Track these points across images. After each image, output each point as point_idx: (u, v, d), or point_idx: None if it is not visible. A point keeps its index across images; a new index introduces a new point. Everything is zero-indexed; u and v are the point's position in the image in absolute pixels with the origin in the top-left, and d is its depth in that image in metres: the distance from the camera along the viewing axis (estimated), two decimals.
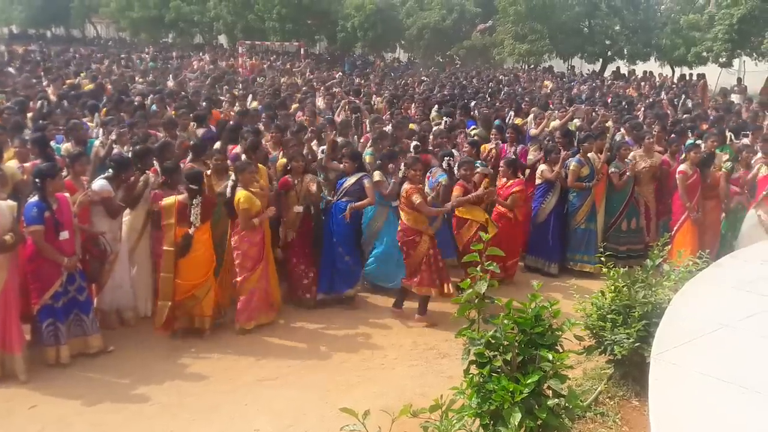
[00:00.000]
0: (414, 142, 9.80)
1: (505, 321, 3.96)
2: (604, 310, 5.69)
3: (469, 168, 8.59)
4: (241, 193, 7.35)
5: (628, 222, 10.14)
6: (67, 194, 6.76)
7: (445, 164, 9.01)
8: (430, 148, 10.10)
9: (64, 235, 6.51)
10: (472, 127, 12.21)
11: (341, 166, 8.64)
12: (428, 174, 9.02)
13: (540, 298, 4.09)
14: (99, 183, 7.26)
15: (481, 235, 4.36)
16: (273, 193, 8.12)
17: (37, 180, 6.39)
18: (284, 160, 8.71)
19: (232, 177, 7.49)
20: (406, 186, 7.83)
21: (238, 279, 7.53)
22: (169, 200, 7.24)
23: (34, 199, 6.38)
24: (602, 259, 6.12)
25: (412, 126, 11.58)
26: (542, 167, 9.75)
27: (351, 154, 8.54)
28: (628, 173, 9.92)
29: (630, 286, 5.75)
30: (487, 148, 10.68)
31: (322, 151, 9.00)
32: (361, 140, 10.70)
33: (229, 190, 7.45)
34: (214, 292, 7.39)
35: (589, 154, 9.86)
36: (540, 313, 4.01)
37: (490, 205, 9.13)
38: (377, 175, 8.65)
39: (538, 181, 9.85)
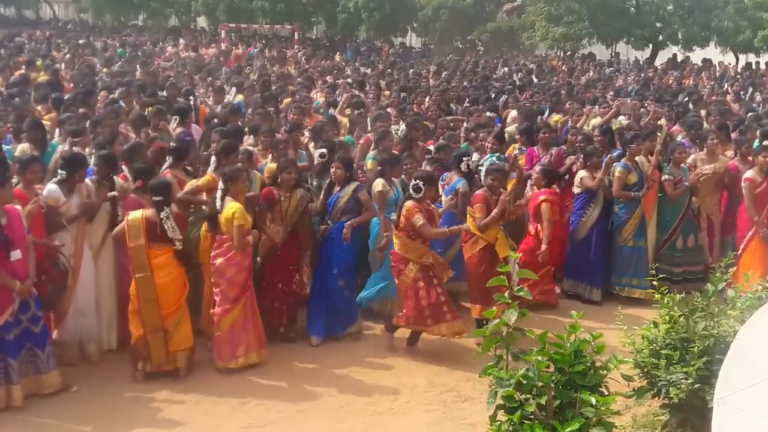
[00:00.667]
0: (430, 147, 9.75)
1: (539, 357, 3.94)
2: (657, 345, 5.66)
3: (498, 177, 8.37)
4: (234, 206, 7.34)
5: (684, 239, 10.11)
6: (18, 207, 6.75)
7: (463, 166, 8.98)
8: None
9: (16, 254, 6.50)
10: (498, 125, 12.27)
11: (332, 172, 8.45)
12: (442, 180, 9.03)
13: (580, 329, 4.07)
14: (48, 188, 7.32)
15: (510, 254, 4.35)
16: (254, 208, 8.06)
17: None
18: (273, 165, 8.74)
19: (221, 186, 7.49)
20: (408, 203, 7.78)
21: (217, 310, 7.48)
22: (135, 215, 7.25)
23: None
24: (654, 283, 6.11)
25: (426, 123, 11.62)
26: (582, 174, 9.74)
27: (343, 161, 8.45)
28: (684, 181, 9.90)
29: (688, 315, 5.72)
30: (511, 152, 10.62)
31: (321, 156, 8.98)
32: (360, 141, 10.61)
33: (218, 201, 7.46)
34: (188, 322, 7.39)
35: (637, 158, 9.85)
36: (581, 348, 4.00)
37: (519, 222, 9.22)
38: (379, 185, 8.64)
39: (576, 190, 9.84)
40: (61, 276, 7.24)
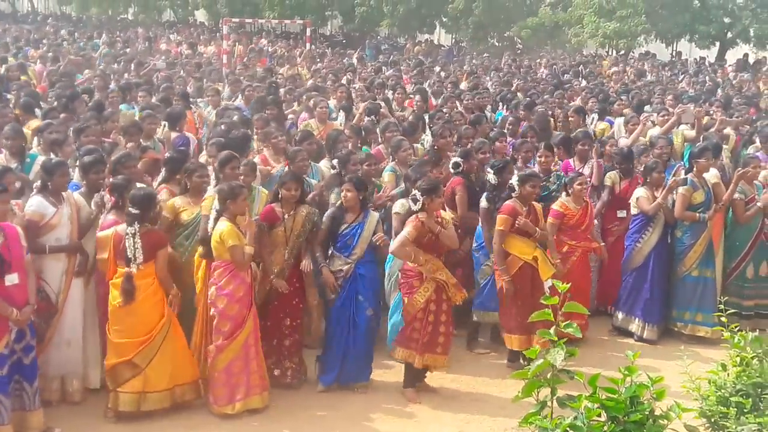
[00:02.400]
0: (454, 159, 9.76)
1: (589, 404, 3.93)
2: (725, 391, 5.61)
3: (537, 184, 8.64)
4: (222, 227, 7.33)
5: (756, 267, 10.08)
6: (17, 225, 6.87)
7: (492, 178, 9.02)
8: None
9: (12, 279, 6.59)
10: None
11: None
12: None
13: (637, 372, 4.06)
14: (30, 203, 7.39)
15: (555, 284, 4.34)
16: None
17: None
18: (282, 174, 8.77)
19: (215, 205, 7.51)
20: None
21: (211, 347, 7.49)
22: (107, 231, 7.36)
23: None
24: (722, 318, 6.07)
25: None
26: (639, 193, 9.67)
27: (355, 182, 8.20)
28: (758, 203, 9.85)
29: (762, 357, 5.68)
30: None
31: (333, 167, 9.04)
32: (373, 151, 10.64)
33: (211, 222, 7.49)
34: (164, 358, 7.33)
35: (706, 174, 9.81)
36: (637, 393, 3.97)
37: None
38: (398, 206, 8.67)
39: (633, 211, 9.80)
40: (47, 307, 7.33)
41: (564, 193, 9.56)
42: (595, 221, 9.92)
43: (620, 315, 9.97)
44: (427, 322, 7.90)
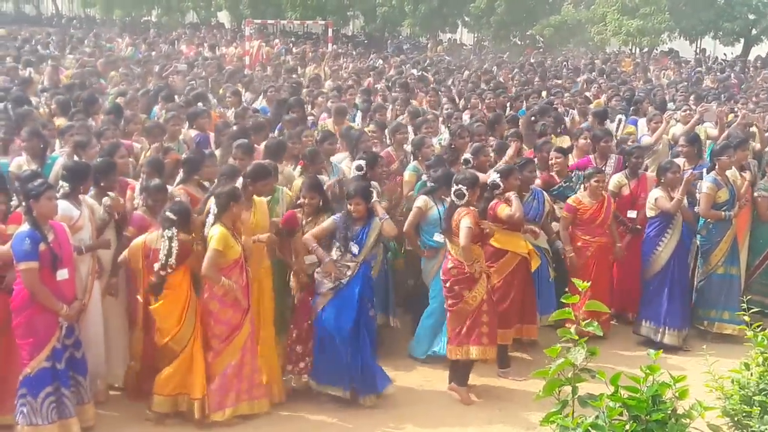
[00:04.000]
0: (466, 155, 9.75)
1: (611, 403, 3.91)
2: (749, 390, 5.58)
3: (517, 177, 8.69)
4: (215, 231, 7.23)
5: None
6: (64, 224, 7.00)
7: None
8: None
9: (63, 274, 6.75)
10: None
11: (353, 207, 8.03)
12: None
13: (659, 371, 4.04)
14: (59, 206, 7.38)
15: (576, 282, 4.33)
16: (274, 233, 8.07)
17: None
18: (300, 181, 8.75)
19: (212, 208, 7.38)
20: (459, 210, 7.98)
21: (208, 354, 7.41)
22: (137, 242, 7.44)
23: (24, 228, 6.62)
24: (745, 317, 6.04)
25: None
26: (656, 193, 9.47)
27: (363, 194, 8.01)
28: None
29: None
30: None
31: (358, 168, 9.05)
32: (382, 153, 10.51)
33: (207, 226, 7.36)
34: (203, 361, 7.34)
35: (728, 172, 9.74)
36: (660, 392, 3.96)
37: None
38: (420, 200, 8.76)
39: (650, 213, 9.57)
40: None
41: (581, 188, 9.59)
42: None
43: (644, 323, 9.72)
44: (482, 315, 8.00)
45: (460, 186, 7.96)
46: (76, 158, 8.81)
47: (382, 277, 8.98)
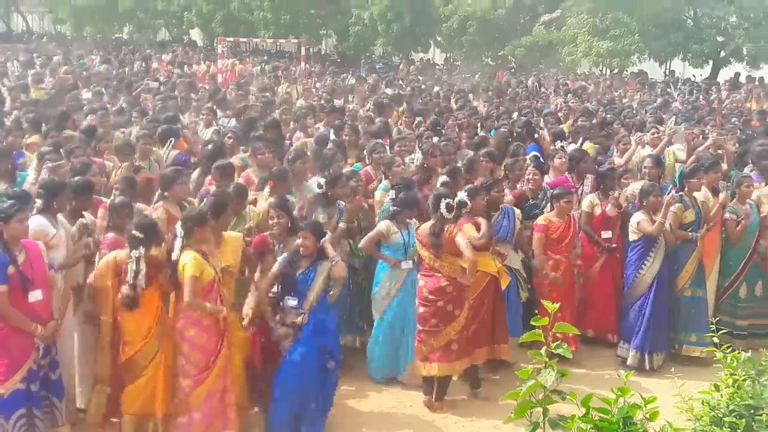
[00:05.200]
0: (442, 178, 9.74)
1: (582, 425, 3.93)
2: (719, 411, 5.60)
3: (484, 197, 8.76)
4: (187, 256, 7.08)
5: (749, 287, 10.10)
6: (39, 242, 6.94)
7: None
8: None
9: (36, 295, 6.69)
10: (533, 153, 12.30)
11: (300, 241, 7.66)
12: None
13: (630, 393, 4.06)
14: (33, 221, 7.31)
15: (545, 304, 4.34)
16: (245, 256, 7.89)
17: None
18: (269, 202, 8.66)
19: (179, 232, 7.17)
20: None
21: (185, 383, 7.18)
22: (108, 256, 7.31)
23: None
24: (714, 339, 6.07)
25: None
26: (638, 217, 9.49)
27: (315, 230, 7.67)
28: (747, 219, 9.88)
29: (755, 378, 5.68)
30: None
31: (317, 186, 9.00)
32: (361, 171, 10.54)
33: (176, 250, 7.15)
34: (165, 378, 7.20)
35: (696, 193, 9.82)
36: (631, 414, 3.97)
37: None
38: (383, 225, 8.71)
39: (632, 237, 9.61)
40: None
41: (549, 206, 9.66)
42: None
43: (625, 345, 9.73)
44: (469, 328, 8.27)
45: (448, 200, 8.03)
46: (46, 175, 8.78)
47: (345, 299, 8.85)
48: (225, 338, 7.30)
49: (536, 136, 13.57)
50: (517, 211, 9.46)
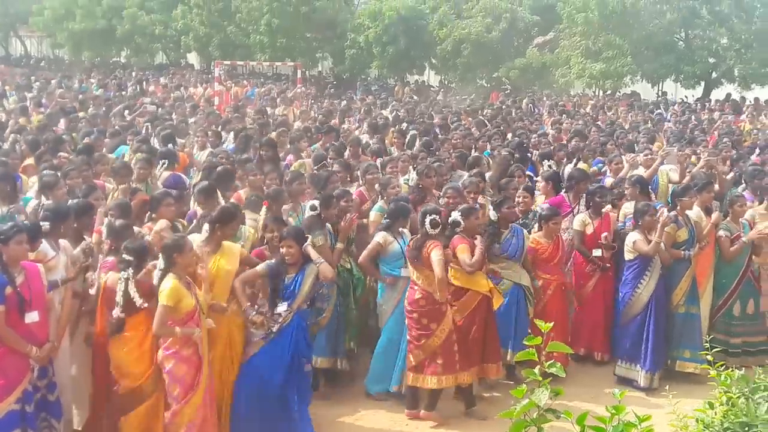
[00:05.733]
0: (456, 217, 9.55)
1: None
2: (713, 429, 5.58)
3: (478, 217, 8.72)
4: (166, 284, 6.88)
5: (743, 304, 10.07)
6: (39, 264, 6.93)
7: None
8: None
9: (32, 316, 6.67)
10: (528, 173, 12.32)
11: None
12: None
13: (624, 411, 4.04)
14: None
15: (538, 324, 4.33)
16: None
17: None
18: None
19: (160, 263, 7.00)
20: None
21: (167, 415, 7.04)
22: (113, 277, 7.21)
23: None
24: (708, 356, 6.06)
25: None
26: (633, 236, 9.47)
27: (297, 237, 7.77)
28: (743, 238, 9.87)
29: (748, 395, 5.66)
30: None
31: (311, 208, 8.98)
32: (354, 194, 10.45)
33: (156, 277, 6.99)
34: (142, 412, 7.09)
35: (690, 213, 9.83)
36: None
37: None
38: (380, 237, 8.78)
39: (628, 256, 9.58)
40: None
41: (537, 226, 9.69)
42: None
43: (623, 364, 9.69)
44: (453, 345, 8.27)
45: (434, 216, 8.10)
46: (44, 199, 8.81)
47: (334, 322, 8.84)
48: (205, 370, 7.11)
49: (529, 156, 13.61)
50: (525, 231, 9.46)
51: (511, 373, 9.29)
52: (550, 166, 12.49)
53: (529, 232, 9.71)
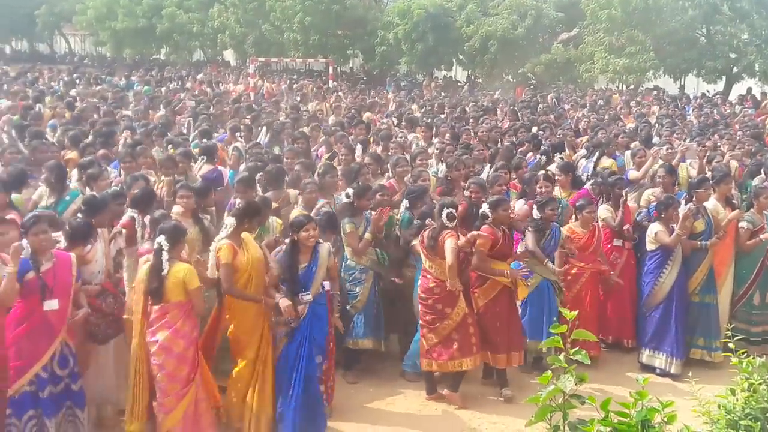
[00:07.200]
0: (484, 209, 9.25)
1: (602, 428, 3.88)
2: (735, 415, 5.53)
3: (507, 208, 8.62)
4: (182, 267, 6.90)
5: (762, 294, 9.99)
6: (72, 254, 6.94)
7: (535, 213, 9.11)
8: None
9: (51, 304, 6.62)
10: (534, 163, 12.31)
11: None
12: None
13: (648, 397, 4.01)
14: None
15: (563, 312, 4.30)
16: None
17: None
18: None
19: (164, 246, 6.87)
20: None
21: (165, 400, 6.91)
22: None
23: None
24: (730, 344, 6.00)
25: None
26: (655, 227, 9.42)
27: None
28: (762, 234, 9.70)
29: None
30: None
31: (346, 196, 9.02)
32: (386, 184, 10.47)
33: (164, 264, 6.85)
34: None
35: (707, 204, 9.75)
36: (649, 417, 3.93)
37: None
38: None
39: (650, 247, 9.52)
40: (110, 311, 7.34)
41: (573, 218, 9.64)
42: None
43: (647, 352, 9.61)
44: (469, 328, 8.27)
45: (451, 209, 8.10)
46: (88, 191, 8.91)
47: (371, 305, 8.87)
48: (197, 368, 7.05)
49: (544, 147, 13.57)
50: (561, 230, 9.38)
51: (537, 362, 9.24)
52: (561, 158, 12.42)
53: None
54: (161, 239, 6.83)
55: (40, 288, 6.55)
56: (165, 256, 6.81)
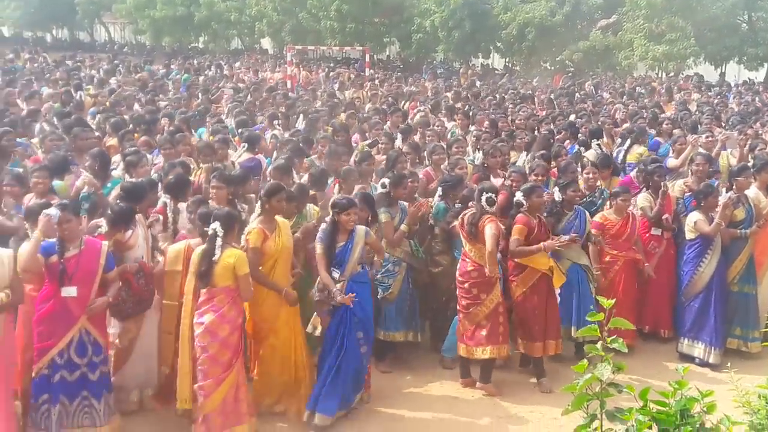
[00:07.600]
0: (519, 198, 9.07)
1: (640, 417, 3.86)
2: None
3: (540, 195, 8.58)
4: (233, 253, 6.93)
5: None
6: (104, 243, 6.96)
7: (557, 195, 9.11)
8: None
9: (69, 291, 6.61)
10: (574, 151, 12.21)
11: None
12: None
13: (687, 386, 3.98)
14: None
15: (600, 300, 4.28)
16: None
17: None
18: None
19: (219, 231, 6.90)
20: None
21: (205, 383, 6.89)
22: (179, 245, 7.44)
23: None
24: None
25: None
26: (695, 216, 9.30)
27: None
28: None
29: None
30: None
31: (382, 185, 9.02)
32: (421, 175, 10.36)
33: (218, 250, 6.90)
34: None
35: (748, 192, 9.60)
36: (688, 406, 3.89)
37: None
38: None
39: (689, 236, 9.41)
40: (140, 291, 7.34)
41: (608, 204, 9.58)
42: None
43: (686, 341, 9.50)
44: (499, 316, 8.25)
45: (491, 194, 8.07)
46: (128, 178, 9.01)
47: (405, 296, 8.85)
48: (239, 355, 7.09)
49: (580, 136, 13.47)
50: (587, 213, 9.34)
51: (579, 349, 9.18)
52: (599, 145, 12.38)
53: (598, 210, 9.63)
54: (216, 225, 6.87)
55: (59, 273, 6.57)
56: (219, 242, 6.85)
